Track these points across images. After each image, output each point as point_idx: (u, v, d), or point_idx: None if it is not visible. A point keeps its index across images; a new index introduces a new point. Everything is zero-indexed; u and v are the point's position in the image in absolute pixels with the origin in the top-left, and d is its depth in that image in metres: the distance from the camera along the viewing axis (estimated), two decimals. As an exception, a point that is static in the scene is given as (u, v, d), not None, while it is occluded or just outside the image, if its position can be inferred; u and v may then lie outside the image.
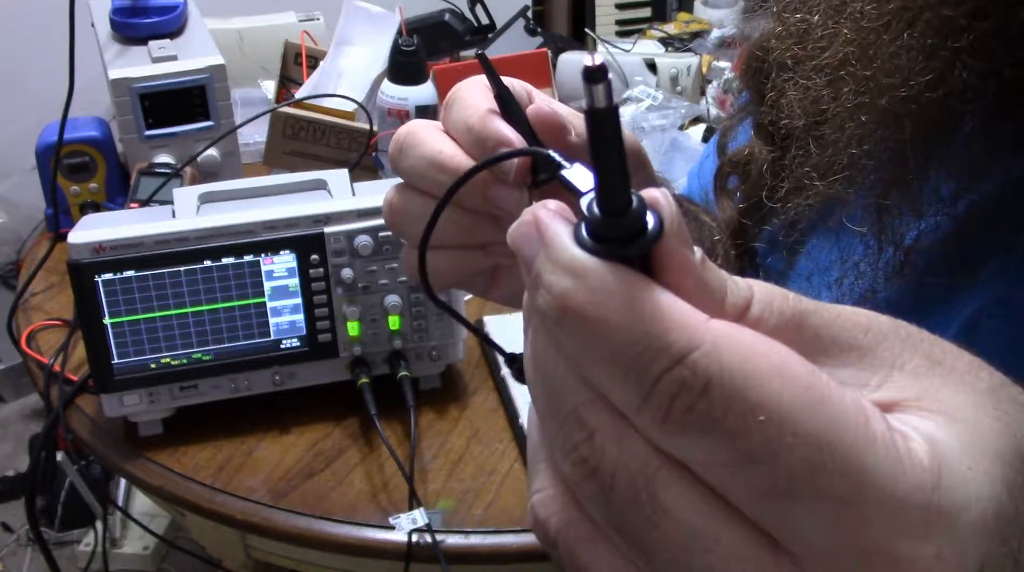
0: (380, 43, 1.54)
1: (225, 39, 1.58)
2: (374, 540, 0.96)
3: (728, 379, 0.23)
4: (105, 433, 1.08)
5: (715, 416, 0.23)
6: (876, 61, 0.42)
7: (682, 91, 1.68)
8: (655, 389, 0.24)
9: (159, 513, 1.75)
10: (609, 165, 0.25)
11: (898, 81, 0.41)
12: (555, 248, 0.25)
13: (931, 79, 0.40)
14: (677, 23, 2.08)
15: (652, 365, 0.24)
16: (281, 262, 1.00)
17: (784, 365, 0.24)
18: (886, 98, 0.42)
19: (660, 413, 0.24)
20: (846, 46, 0.44)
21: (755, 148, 0.54)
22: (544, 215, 0.26)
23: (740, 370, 0.24)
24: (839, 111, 0.45)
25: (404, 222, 0.47)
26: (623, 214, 0.25)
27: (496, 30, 1.81)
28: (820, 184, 0.47)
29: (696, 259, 0.26)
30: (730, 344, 0.24)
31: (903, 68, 0.41)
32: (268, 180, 1.12)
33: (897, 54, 0.41)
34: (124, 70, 1.31)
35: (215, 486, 1.00)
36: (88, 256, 0.96)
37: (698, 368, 0.24)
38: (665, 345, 0.24)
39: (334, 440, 1.06)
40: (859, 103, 0.43)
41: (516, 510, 0.98)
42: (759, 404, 0.23)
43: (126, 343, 0.99)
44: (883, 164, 0.44)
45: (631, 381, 0.24)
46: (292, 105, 1.41)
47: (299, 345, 1.04)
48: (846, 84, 0.44)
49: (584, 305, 0.25)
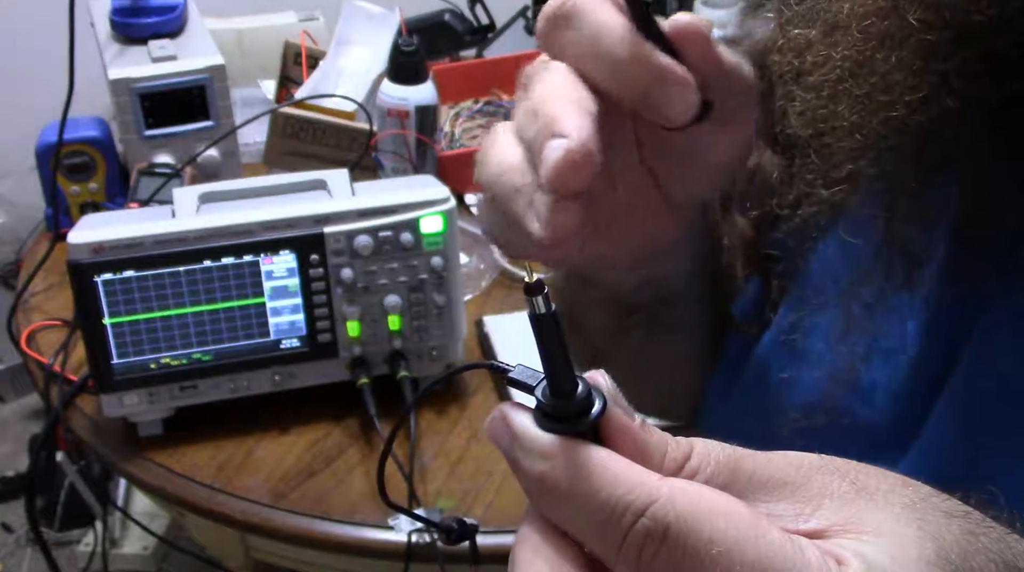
0: (380, 43, 1.54)
1: (225, 39, 1.58)
2: (374, 540, 0.96)
3: (683, 523, 0.28)
4: (105, 433, 1.08)
5: (677, 557, 0.28)
6: (872, 78, 0.43)
7: (682, 91, 1.68)
8: (626, 541, 0.29)
9: (159, 513, 1.75)
10: (556, 361, 0.31)
11: (894, 98, 0.42)
12: (524, 438, 0.31)
13: (922, 98, 0.40)
14: (677, 23, 2.08)
15: (621, 521, 0.29)
16: (281, 262, 1.00)
17: (729, 507, 0.29)
18: (881, 116, 0.42)
19: (633, 561, 0.29)
20: (844, 62, 0.44)
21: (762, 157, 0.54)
22: (508, 410, 0.32)
23: (692, 514, 0.28)
24: (837, 126, 0.45)
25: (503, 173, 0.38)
26: (571, 397, 0.30)
27: (496, 30, 1.81)
28: (824, 193, 0.47)
29: (636, 424, 0.31)
30: (682, 494, 0.29)
31: (896, 86, 0.41)
32: (268, 180, 1.12)
33: (890, 72, 0.42)
34: (124, 70, 1.31)
35: (215, 486, 1.00)
36: (88, 256, 0.96)
37: (657, 517, 0.28)
38: (628, 503, 0.29)
39: (334, 440, 1.06)
40: (855, 121, 0.44)
41: (516, 510, 0.98)
42: (711, 540, 0.28)
43: (126, 343, 0.99)
44: (886, 175, 0.44)
45: (606, 537, 0.29)
46: (292, 105, 1.41)
47: (299, 345, 1.04)
48: (842, 101, 0.45)
49: (559, 481, 0.30)
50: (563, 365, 0.31)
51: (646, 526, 0.28)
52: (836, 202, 0.47)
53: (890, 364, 0.49)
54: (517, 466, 0.31)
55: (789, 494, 0.31)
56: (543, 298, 0.31)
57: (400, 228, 1.01)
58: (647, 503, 0.29)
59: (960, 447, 0.45)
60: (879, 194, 0.45)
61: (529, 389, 0.32)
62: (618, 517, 0.29)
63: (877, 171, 0.44)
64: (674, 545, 0.28)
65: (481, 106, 1.65)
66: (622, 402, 0.31)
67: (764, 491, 0.31)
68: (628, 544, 0.28)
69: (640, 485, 0.29)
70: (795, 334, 0.53)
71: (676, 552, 0.28)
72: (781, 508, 0.30)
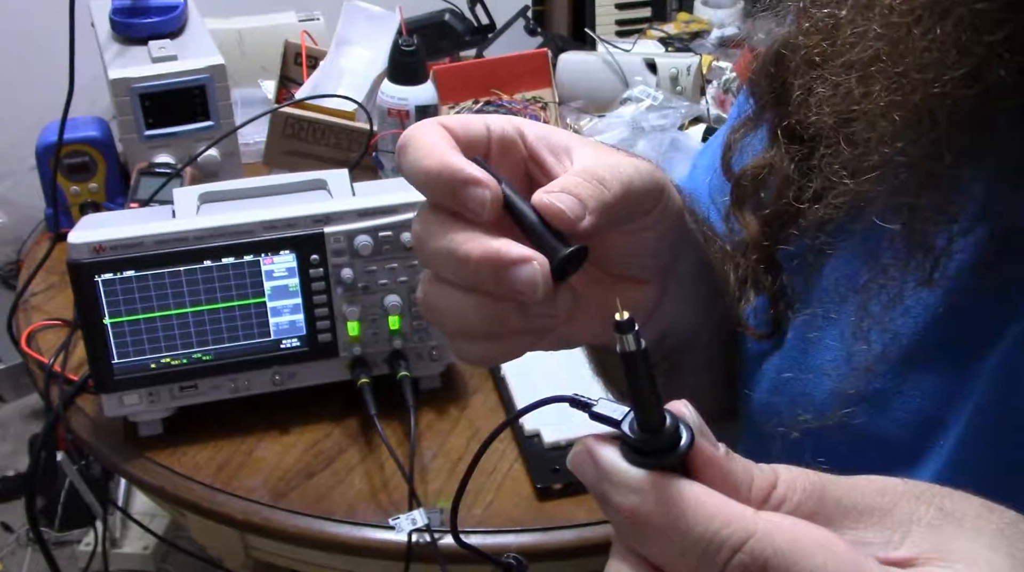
0: (380, 43, 1.54)
1: (225, 39, 1.58)
2: (374, 540, 0.96)
3: (782, 558, 0.28)
4: (105, 433, 1.08)
5: None
6: (908, 56, 0.41)
7: (682, 91, 1.68)
8: None
9: (159, 513, 1.75)
10: (644, 395, 0.31)
11: (931, 76, 0.40)
12: (613, 473, 0.31)
13: (965, 74, 0.39)
14: (677, 23, 2.08)
15: (717, 556, 0.29)
16: (281, 262, 1.00)
17: (826, 541, 0.29)
18: (919, 94, 0.41)
19: None
20: (876, 42, 0.43)
21: (776, 153, 0.53)
22: (593, 444, 0.32)
23: (790, 549, 0.28)
24: (870, 109, 0.44)
25: (438, 316, 0.44)
26: (659, 431, 0.30)
27: (496, 30, 1.81)
28: (851, 183, 0.46)
29: (721, 454, 0.31)
30: (778, 528, 0.29)
31: (936, 63, 0.40)
32: (268, 180, 1.12)
33: (929, 49, 0.40)
34: (124, 70, 1.31)
35: (215, 486, 1.00)
36: (88, 256, 0.96)
37: (755, 552, 0.29)
38: (725, 538, 0.29)
39: (334, 440, 1.06)
40: (891, 100, 0.42)
41: (516, 510, 0.98)
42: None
43: (126, 343, 0.99)
44: (916, 162, 0.43)
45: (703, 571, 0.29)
46: (292, 105, 1.41)
47: (299, 345, 1.04)
48: (877, 81, 0.43)
49: (652, 515, 0.30)
50: (652, 399, 0.31)
51: (743, 562, 0.29)
52: (862, 193, 0.45)
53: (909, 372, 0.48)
54: (606, 500, 0.31)
55: (877, 521, 0.31)
56: (633, 336, 0.31)
57: (400, 228, 1.01)
58: (744, 538, 0.29)
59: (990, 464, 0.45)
60: (903, 185, 0.44)
61: (615, 424, 0.32)
62: (714, 552, 0.29)
63: (905, 160, 0.43)
64: None
65: (481, 106, 1.65)
66: (708, 433, 0.32)
67: (851, 518, 0.31)
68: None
69: (736, 519, 0.29)
70: (811, 333, 0.52)
71: None
72: (870, 535, 0.31)
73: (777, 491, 0.31)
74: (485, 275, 0.40)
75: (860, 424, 0.50)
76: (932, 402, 0.48)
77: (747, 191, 0.56)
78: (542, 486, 0.99)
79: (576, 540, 0.95)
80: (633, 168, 0.43)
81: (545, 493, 0.99)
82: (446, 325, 0.45)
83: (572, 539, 0.95)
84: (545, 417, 1.04)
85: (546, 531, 0.95)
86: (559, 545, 0.95)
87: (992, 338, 0.45)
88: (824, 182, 0.48)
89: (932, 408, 0.48)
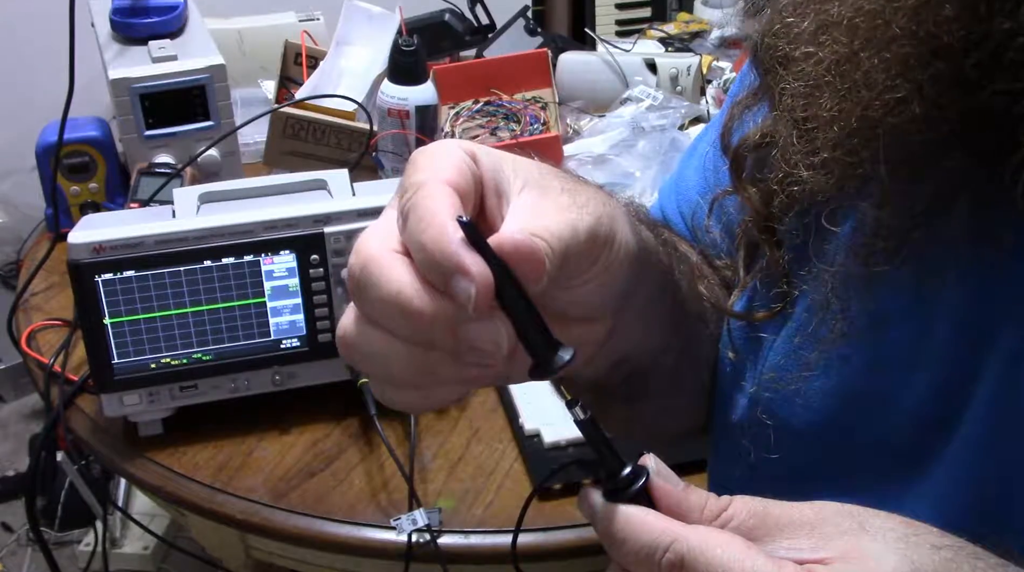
0: (380, 43, 1.54)
1: (225, 39, 1.58)
2: (374, 540, 0.96)
3: (693, 553, 0.39)
4: (105, 433, 1.08)
5: None
6: (856, 74, 0.45)
7: (682, 91, 1.68)
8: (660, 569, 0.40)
9: (159, 513, 1.75)
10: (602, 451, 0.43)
11: (871, 96, 0.44)
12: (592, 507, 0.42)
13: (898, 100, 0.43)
14: (677, 23, 2.08)
15: (654, 557, 0.40)
16: (281, 262, 1.01)
17: (724, 539, 0.39)
18: (859, 111, 0.45)
19: None
20: (831, 56, 0.46)
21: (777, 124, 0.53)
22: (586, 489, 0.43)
23: (699, 546, 0.39)
24: (819, 115, 0.47)
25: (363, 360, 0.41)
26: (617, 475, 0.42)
27: (496, 30, 1.81)
28: (804, 174, 0.48)
29: (678, 489, 0.42)
30: (693, 532, 0.40)
31: (875, 86, 0.44)
32: (268, 180, 1.12)
33: (871, 71, 0.44)
34: (124, 70, 1.31)
35: (215, 486, 1.00)
36: (88, 256, 0.96)
37: (676, 551, 0.39)
38: (656, 544, 0.40)
39: (334, 440, 1.07)
40: (835, 113, 0.46)
41: (516, 510, 0.97)
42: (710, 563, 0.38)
43: (126, 343, 0.99)
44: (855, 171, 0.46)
45: (648, 568, 0.40)
46: (292, 105, 1.41)
47: (299, 345, 1.04)
48: (826, 92, 0.47)
49: (613, 533, 0.41)
50: (608, 453, 0.42)
51: (669, 559, 0.39)
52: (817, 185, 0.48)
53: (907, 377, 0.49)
54: (595, 529, 0.42)
55: (807, 533, 0.40)
56: (580, 408, 0.42)
57: (400, 228, 1.01)
58: (669, 542, 0.40)
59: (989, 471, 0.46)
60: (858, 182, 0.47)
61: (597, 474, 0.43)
62: (651, 554, 0.40)
63: (854, 160, 0.46)
64: (688, 568, 0.39)
65: (481, 106, 1.65)
66: (667, 473, 0.42)
67: (787, 531, 0.40)
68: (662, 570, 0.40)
69: (664, 531, 0.40)
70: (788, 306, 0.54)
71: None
72: (801, 544, 0.40)
73: (726, 513, 0.41)
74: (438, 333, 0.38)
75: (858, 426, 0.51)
76: (932, 404, 0.48)
77: (747, 161, 0.56)
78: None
79: (576, 540, 0.95)
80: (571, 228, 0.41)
81: (545, 493, 0.99)
82: (370, 370, 0.42)
83: (572, 539, 0.95)
84: (545, 417, 1.05)
85: (546, 531, 0.95)
86: (559, 545, 0.95)
87: (988, 340, 0.45)
88: (785, 169, 0.50)
89: (933, 410, 0.48)
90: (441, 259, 0.37)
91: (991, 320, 0.45)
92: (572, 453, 1.02)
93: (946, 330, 0.47)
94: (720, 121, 0.61)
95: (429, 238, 0.38)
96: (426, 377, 0.41)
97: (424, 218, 0.38)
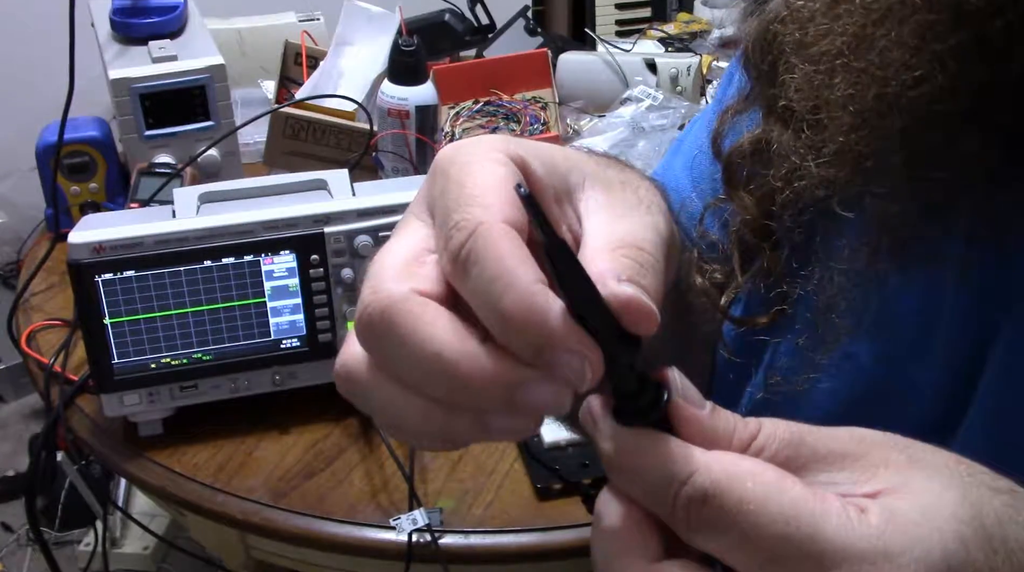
0: (380, 43, 1.54)
1: (225, 39, 1.58)
2: (374, 540, 0.96)
3: (717, 487, 0.32)
4: (105, 433, 1.08)
5: (714, 516, 0.32)
6: (870, 54, 0.43)
7: (682, 91, 1.68)
8: (675, 507, 0.33)
9: (159, 513, 1.75)
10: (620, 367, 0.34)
11: (887, 75, 0.42)
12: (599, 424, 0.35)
13: (916, 77, 0.41)
14: (677, 23, 2.08)
15: (668, 490, 0.33)
16: (281, 262, 1.01)
17: (754, 471, 0.33)
18: (874, 91, 0.43)
19: (683, 524, 0.33)
20: (844, 36, 0.45)
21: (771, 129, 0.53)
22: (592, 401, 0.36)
23: (724, 479, 0.33)
24: (832, 99, 0.45)
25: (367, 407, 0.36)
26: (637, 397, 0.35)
27: (496, 30, 1.81)
28: (813, 167, 0.47)
29: (704, 413, 0.35)
30: (716, 463, 0.33)
31: (892, 64, 0.42)
32: (268, 180, 1.12)
33: (888, 49, 0.42)
34: (124, 70, 1.31)
35: (215, 486, 1.00)
36: (88, 256, 0.96)
37: (696, 484, 0.33)
38: (673, 475, 0.33)
39: (334, 440, 1.06)
40: (850, 93, 0.44)
41: (516, 510, 0.98)
42: (740, 500, 0.32)
43: (126, 343, 0.99)
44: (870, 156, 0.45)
45: (660, 504, 0.34)
46: (292, 105, 1.41)
47: (299, 345, 1.04)
48: (839, 74, 0.45)
49: (621, 459, 0.34)
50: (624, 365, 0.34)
51: (688, 493, 0.33)
52: (826, 178, 0.47)
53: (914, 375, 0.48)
54: (596, 447, 0.36)
55: (849, 464, 0.34)
56: None
57: (400, 228, 1.01)
58: (689, 473, 0.33)
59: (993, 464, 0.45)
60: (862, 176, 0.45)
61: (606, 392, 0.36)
62: (666, 486, 0.33)
63: (866, 150, 0.44)
64: (712, 506, 0.32)
65: (481, 106, 1.65)
66: (692, 394, 0.35)
67: (825, 462, 0.34)
68: (677, 507, 0.33)
69: (683, 460, 0.33)
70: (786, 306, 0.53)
71: (714, 512, 0.32)
72: (840, 477, 0.34)
73: (757, 441, 0.35)
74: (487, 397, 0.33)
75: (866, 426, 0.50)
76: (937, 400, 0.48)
77: (741, 168, 0.56)
78: (542, 486, 0.99)
79: (576, 540, 0.95)
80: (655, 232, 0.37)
81: (545, 493, 0.99)
82: (377, 418, 0.37)
83: (572, 539, 0.95)
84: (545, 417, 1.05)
85: (546, 531, 0.95)
86: (559, 545, 0.95)
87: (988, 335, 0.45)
88: (791, 164, 0.49)
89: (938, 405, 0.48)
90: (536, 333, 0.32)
91: (993, 313, 0.45)
92: (572, 453, 1.02)
93: (950, 325, 0.47)
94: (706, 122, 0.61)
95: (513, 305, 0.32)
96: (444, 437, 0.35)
97: (500, 277, 0.32)
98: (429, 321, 0.33)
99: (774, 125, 0.52)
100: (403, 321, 0.33)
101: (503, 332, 0.33)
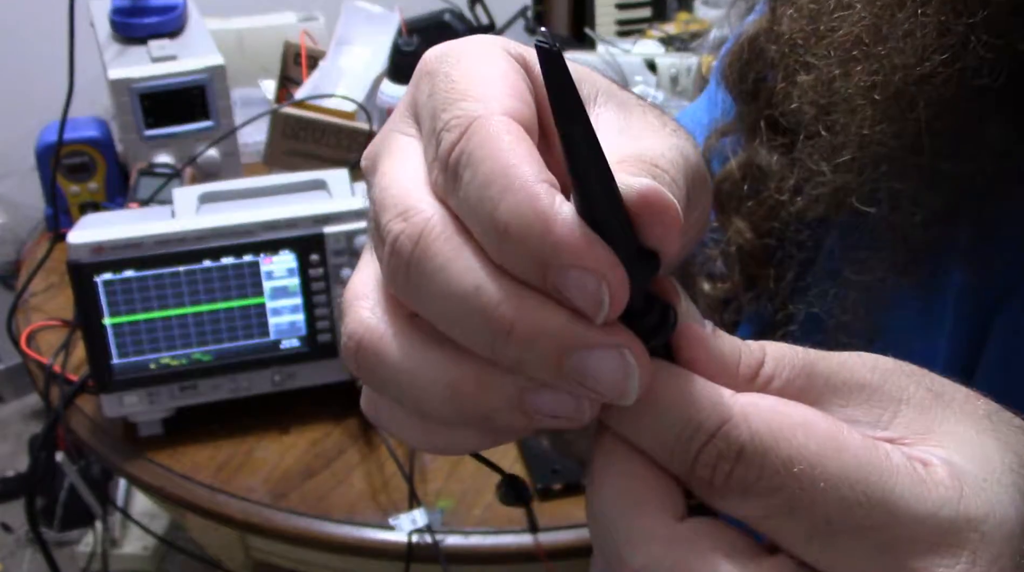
0: (380, 43, 1.54)
1: (225, 39, 1.58)
2: (374, 540, 0.96)
3: (759, 442, 0.26)
4: (105, 433, 1.08)
5: (751, 477, 0.26)
6: (890, 39, 0.40)
7: (682, 91, 1.68)
8: (696, 463, 0.27)
9: (159, 513, 1.75)
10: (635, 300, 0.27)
11: (913, 59, 0.39)
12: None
13: (944, 58, 0.38)
14: (677, 23, 2.08)
15: (691, 443, 0.27)
16: (281, 262, 1.00)
17: (806, 421, 0.27)
18: (899, 76, 0.40)
19: (705, 483, 0.27)
20: (859, 24, 0.42)
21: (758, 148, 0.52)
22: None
23: (768, 432, 0.26)
24: (851, 92, 0.43)
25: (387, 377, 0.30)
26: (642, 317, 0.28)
27: (496, 30, 1.81)
28: (827, 168, 0.45)
29: (708, 333, 0.29)
30: (756, 411, 0.27)
31: (918, 46, 0.39)
32: (268, 180, 1.12)
33: (911, 31, 0.39)
34: (124, 70, 1.31)
35: (215, 486, 1.00)
36: (88, 256, 0.96)
37: (730, 438, 0.26)
38: (697, 424, 0.27)
39: (334, 440, 1.06)
40: (872, 82, 0.41)
41: (516, 510, 0.97)
42: (789, 459, 0.26)
43: (126, 343, 0.99)
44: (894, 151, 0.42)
45: (677, 458, 0.27)
46: (292, 105, 1.41)
47: (299, 345, 1.04)
48: (859, 63, 0.42)
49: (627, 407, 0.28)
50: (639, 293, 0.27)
51: (718, 448, 0.26)
52: (841, 184, 0.44)
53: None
54: None
55: (867, 398, 0.29)
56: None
57: (400, 228, 1.01)
58: (718, 423, 0.27)
59: None
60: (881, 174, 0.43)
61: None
62: (688, 438, 0.27)
63: (884, 150, 0.42)
64: (751, 465, 0.26)
65: (481, 106, 1.65)
66: (694, 313, 0.29)
67: (841, 395, 0.29)
68: (700, 465, 0.27)
69: (710, 405, 0.27)
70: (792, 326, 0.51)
71: (752, 472, 0.26)
72: (859, 414, 0.29)
73: (765, 369, 0.29)
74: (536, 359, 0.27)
75: None
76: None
77: (732, 195, 0.54)
78: (542, 486, 0.99)
79: (576, 540, 0.95)
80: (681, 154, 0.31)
81: (545, 493, 0.99)
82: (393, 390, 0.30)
83: (572, 539, 0.95)
84: (545, 417, 1.05)
85: (546, 531, 0.95)
86: (559, 545, 0.95)
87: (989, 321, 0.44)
88: (804, 173, 0.47)
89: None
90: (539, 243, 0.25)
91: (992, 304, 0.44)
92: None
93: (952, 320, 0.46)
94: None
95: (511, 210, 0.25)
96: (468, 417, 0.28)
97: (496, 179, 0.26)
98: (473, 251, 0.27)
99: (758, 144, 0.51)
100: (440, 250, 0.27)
101: (500, 250, 0.26)
